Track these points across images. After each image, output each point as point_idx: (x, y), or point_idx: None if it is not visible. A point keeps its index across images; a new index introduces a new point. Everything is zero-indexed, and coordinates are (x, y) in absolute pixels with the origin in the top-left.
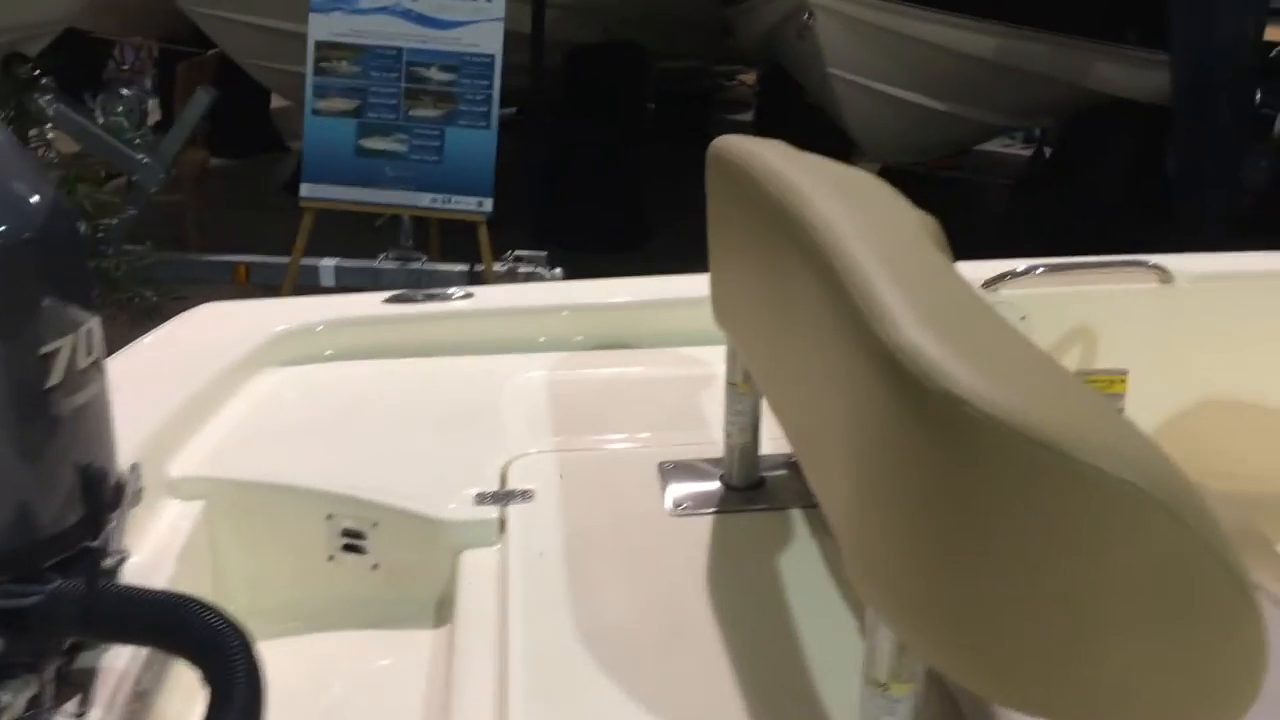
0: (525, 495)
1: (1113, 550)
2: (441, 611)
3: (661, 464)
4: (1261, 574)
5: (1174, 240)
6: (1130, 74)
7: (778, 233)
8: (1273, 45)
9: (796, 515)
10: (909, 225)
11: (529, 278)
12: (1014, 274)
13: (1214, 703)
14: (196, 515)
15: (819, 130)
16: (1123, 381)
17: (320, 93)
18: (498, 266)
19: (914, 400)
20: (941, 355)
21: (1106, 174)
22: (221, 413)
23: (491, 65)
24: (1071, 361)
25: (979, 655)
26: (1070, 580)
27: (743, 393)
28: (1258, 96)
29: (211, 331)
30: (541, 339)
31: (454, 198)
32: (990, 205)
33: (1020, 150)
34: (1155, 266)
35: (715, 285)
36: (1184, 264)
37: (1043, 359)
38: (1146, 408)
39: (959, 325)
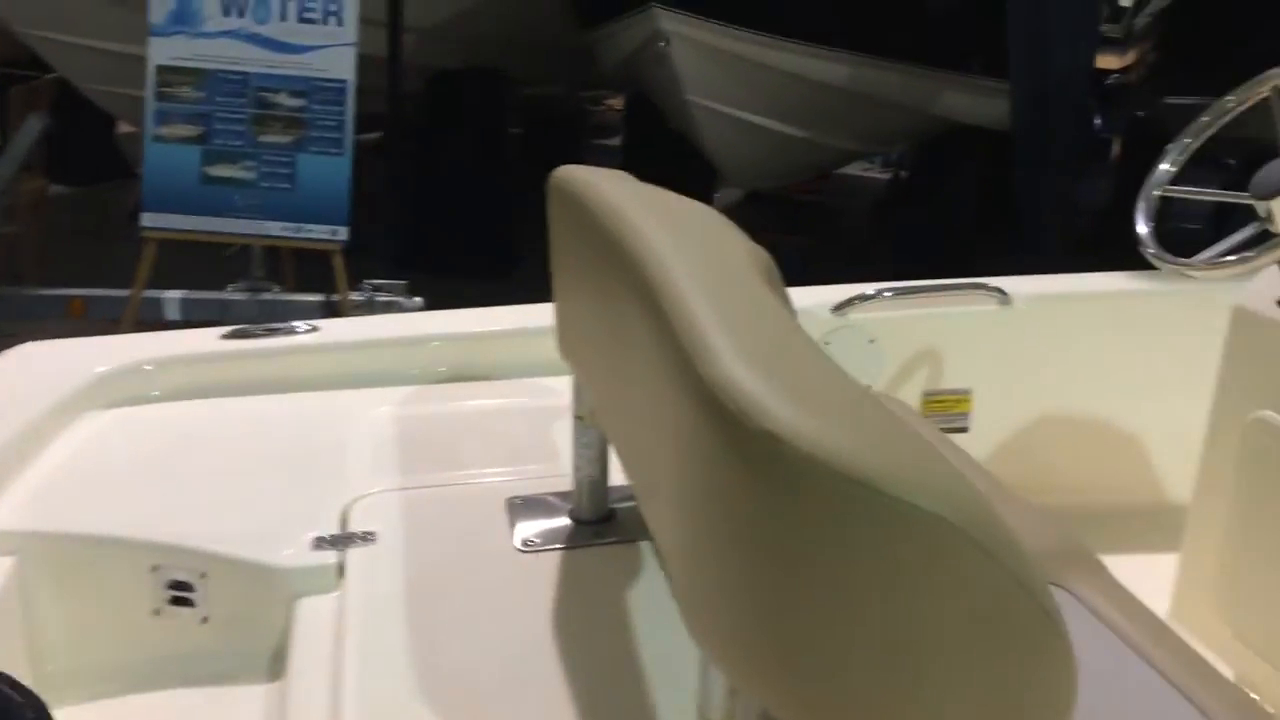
0: (367, 537)
1: (928, 585)
2: (276, 665)
3: (510, 499)
4: (1082, 585)
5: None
6: (976, 102)
7: (611, 266)
8: (1109, 73)
9: (646, 548)
10: (738, 259)
11: (388, 308)
12: (863, 298)
13: None
14: (7, 571)
15: (686, 154)
16: (967, 400)
17: (162, 119)
18: (355, 296)
19: (734, 438)
20: (760, 392)
21: (958, 197)
22: (38, 460)
23: (344, 91)
24: (918, 382)
25: (804, 695)
26: (888, 616)
27: (589, 425)
28: (1096, 121)
29: (31, 373)
30: (391, 373)
31: (306, 226)
32: (851, 228)
33: (879, 174)
34: (995, 289)
35: (559, 318)
36: (1021, 286)
37: (862, 394)
38: (989, 425)
39: (780, 361)
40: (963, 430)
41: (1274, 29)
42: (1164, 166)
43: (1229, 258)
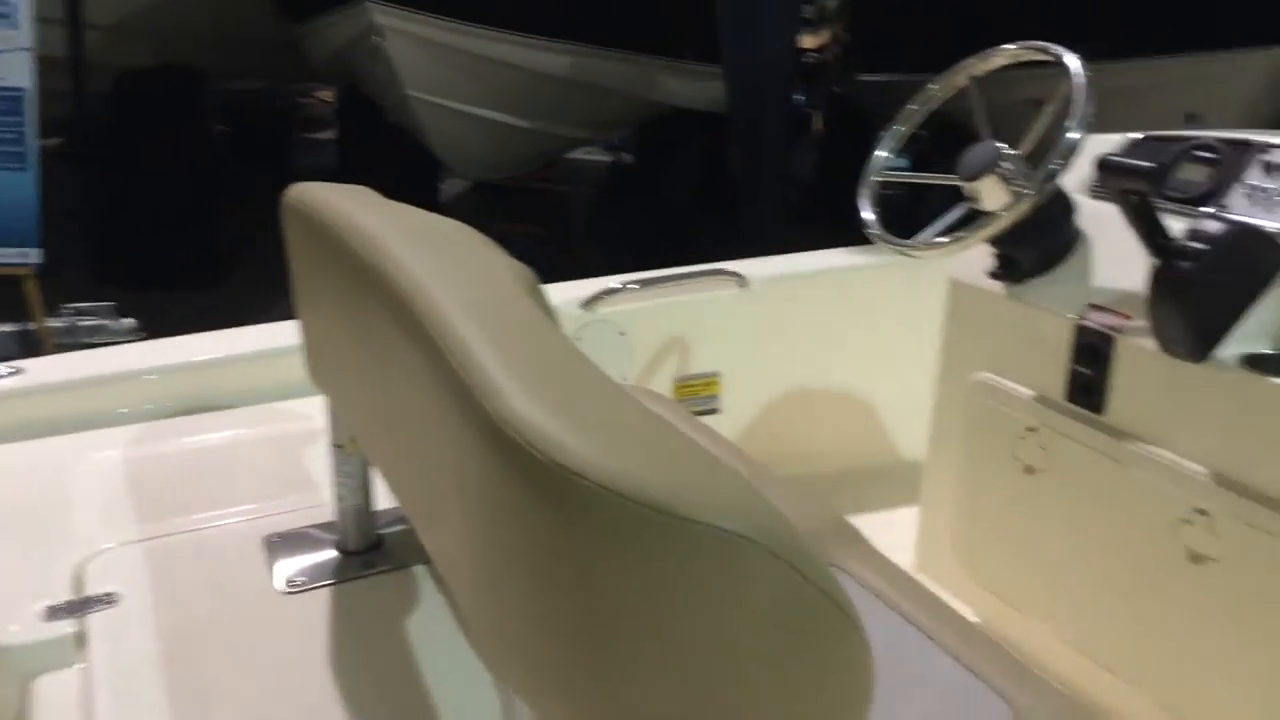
0: (107, 600)
1: (731, 602)
2: None
3: (267, 537)
4: (851, 562)
5: (746, 236)
6: (691, 86)
7: (366, 292)
8: (805, 52)
9: (420, 572)
10: (503, 279)
11: (94, 333)
12: (610, 291)
13: None
14: None
15: (407, 147)
16: (716, 383)
17: None
18: (55, 323)
19: (525, 474)
20: (550, 425)
21: (680, 178)
22: None
23: (22, 100)
24: (669, 370)
25: None
26: (695, 636)
27: (350, 453)
28: (799, 99)
29: None
30: (113, 411)
31: None
32: (581, 213)
33: (602, 157)
34: (733, 273)
35: (307, 342)
36: (757, 268)
37: (650, 417)
38: (738, 405)
39: (564, 389)
40: (714, 412)
41: (954, 8)
42: (880, 153)
43: (944, 238)
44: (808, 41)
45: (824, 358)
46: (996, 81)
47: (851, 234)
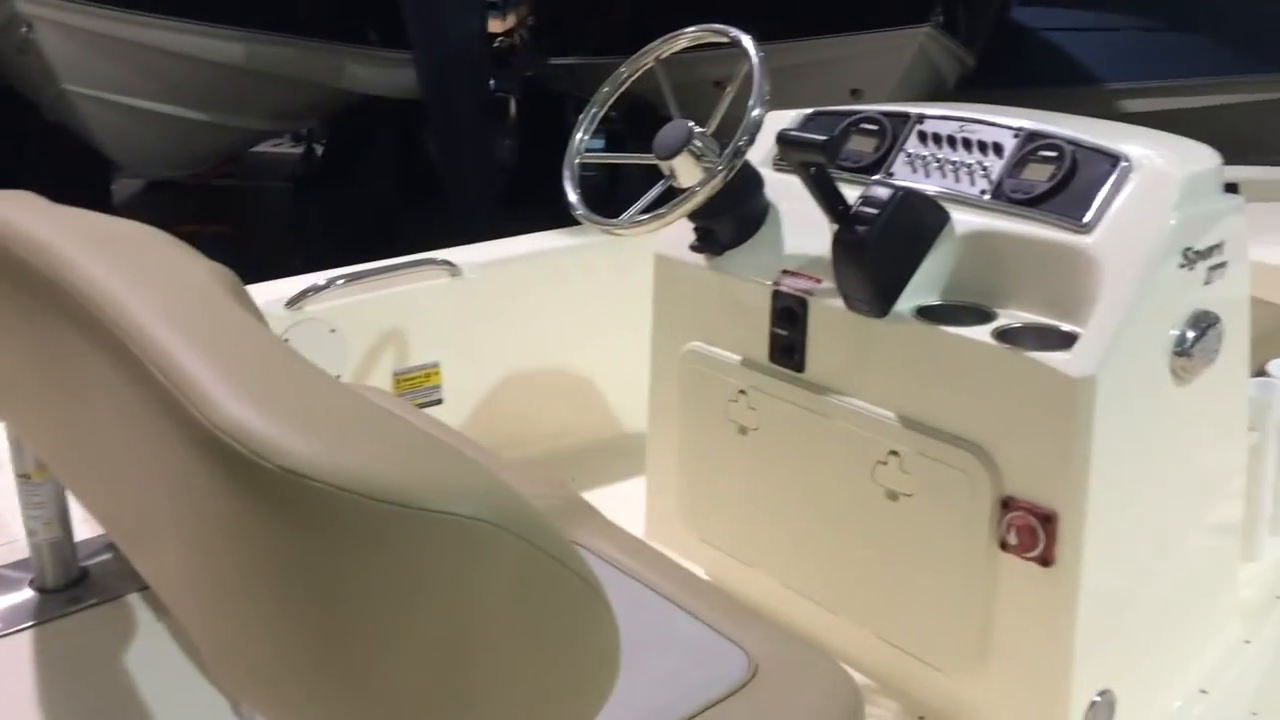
0: None
1: (477, 587)
2: None
3: None
4: (589, 537)
5: (455, 222)
6: (379, 73)
7: (41, 306)
8: (494, 36)
9: (135, 602)
10: (201, 281)
11: None
12: (316, 288)
13: (584, 693)
14: None
15: (71, 146)
16: (436, 373)
17: None
18: None
19: (251, 484)
20: (271, 429)
21: (378, 168)
22: None
23: None
24: (387, 363)
25: None
26: (446, 627)
27: (39, 482)
28: (492, 83)
29: None
30: None
31: None
32: (274, 209)
33: (292, 149)
34: (444, 262)
35: None
36: (468, 255)
37: (375, 410)
38: (461, 393)
39: (282, 390)
40: (437, 403)
41: None
42: (579, 136)
43: (646, 215)
44: (495, 26)
45: (542, 339)
46: (682, 62)
47: (560, 215)
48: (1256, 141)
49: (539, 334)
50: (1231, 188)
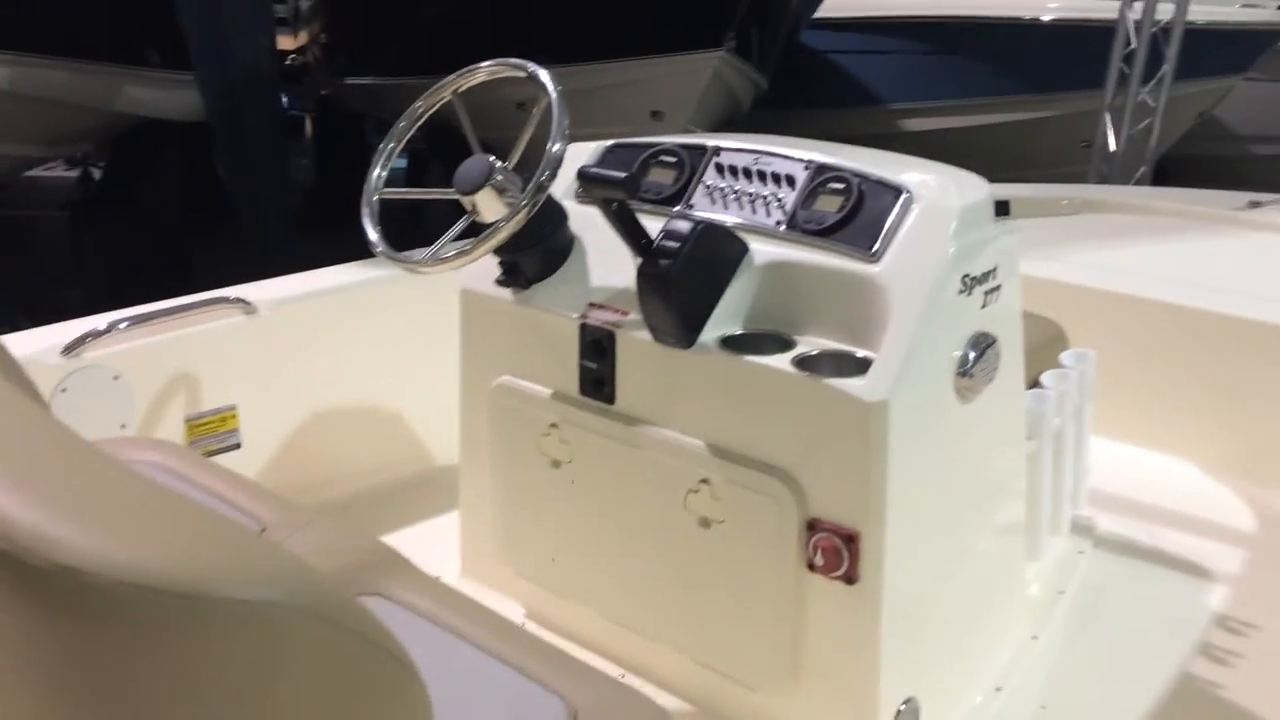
0: None
1: (279, 677)
2: None
3: None
4: (398, 589)
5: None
6: (160, 95)
7: None
8: (287, 53)
9: None
10: None
11: None
12: (96, 333)
13: None
14: None
15: None
16: (233, 417)
17: None
18: None
19: (20, 582)
20: (41, 520)
21: (164, 192)
22: None
23: None
24: (178, 409)
25: None
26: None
27: None
28: (285, 100)
29: None
30: None
31: None
32: (49, 239)
33: (66, 173)
34: (238, 300)
35: None
36: (263, 292)
37: (150, 487)
38: (261, 437)
39: (47, 473)
40: (235, 448)
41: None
42: (376, 172)
43: (451, 251)
44: (287, 43)
45: (347, 376)
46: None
47: (362, 239)
48: (1019, 157)
49: (343, 370)
50: (1002, 205)
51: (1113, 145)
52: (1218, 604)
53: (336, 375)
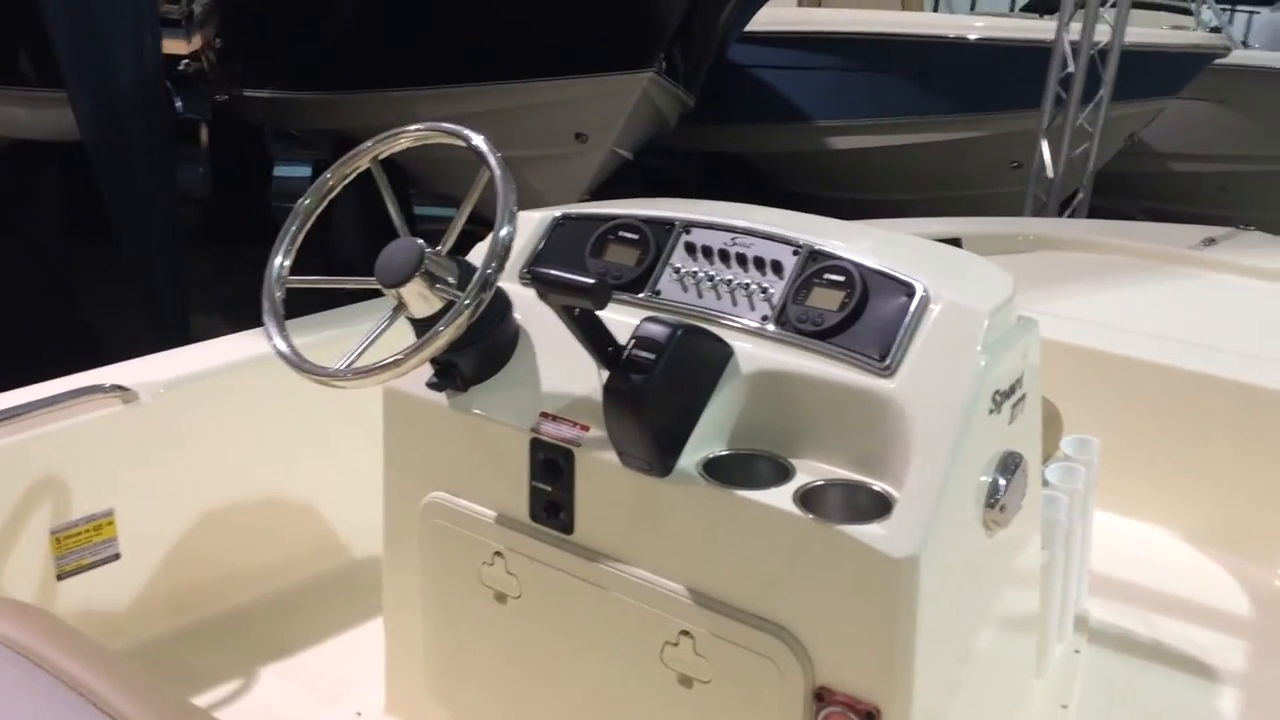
0: None
1: None
2: None
3: None
4: None
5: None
6: (34, 115)
7: None
8: (179, 58)
9: None
10: None
11: None
12: None
13: None
14: None
15: None
16: (110, 524)
17: None
18: None
19: None
20: None
21: (40, 214)
22: None
23: None
24: (45, 517)
25: None
26: None
27: None
28: (179, 105)
29: None
30: None
31: None
32: None
33: None
34: (115, 387)
35: None
36: (144, 374)
37: None
38: (144, 543)
39: None
40: (114, 559)
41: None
42: (279, 261)
43: (383, 362)
44: (180, 47)
45: (249, 468)
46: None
47: (263, 250)
48: (948, 177)
49: (245, 461)
50: (955, 242)
51: (1050, 170)
52: (1226, 711)
53: (237, 466)
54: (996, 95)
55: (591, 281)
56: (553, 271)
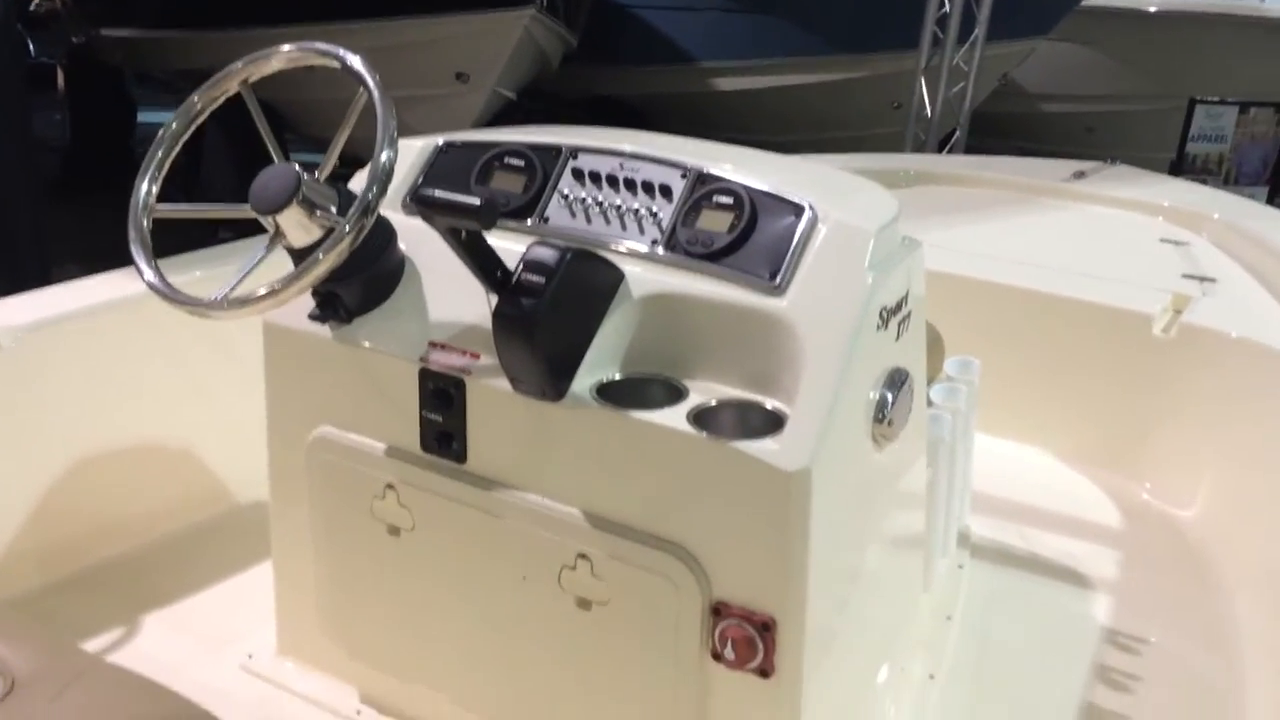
0: None
1: None
2: None
3: None
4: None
5: None
6: None
7: None
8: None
9: None
10: None
11: None
12: None
13: None
14: None
15: None
16: None
17: None
18: None
19: None
20: None
21: None
22: None
23: None
24: None
25: None
26: None
27: None
28: (32, 49)
29: None
30: None
31: None
32: None
33: None
34: None
35: None
36: (6, 317)
37: None
38: (15, 492)
39: None
40: None
41: None
42: (145, 188)
43: (259, 292)
44: None
45: (123, 415)
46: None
47: (124, 198)
48: (829, 118)
49: (113, 407)
50: None
51: (928, 109)
52: (1102, 616)
53: (106, 413)
54: (878, 36)
55: (477, 202)
56: (437, 193)
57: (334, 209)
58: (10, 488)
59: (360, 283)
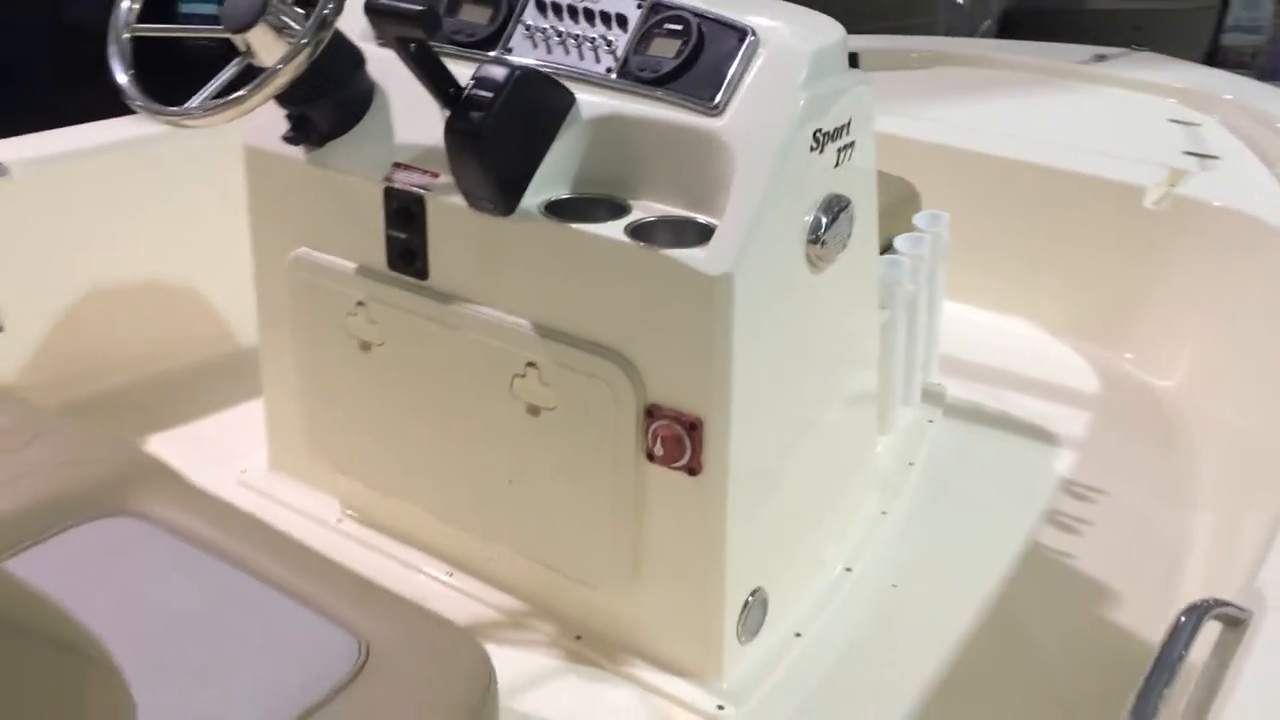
0: None
1: None
2: None
3: None
4: (158, 505)
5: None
6: None
7: None
8: None
9: None
10: None
11: None
12: None
13: None
14: None
15: None
16: None
17: None
18: None
19: None
20: None
21: None
22: None
23: None
24: None
25: None
26: None
27: None
28: None
29: None
30: None
31: None
32: None
33: None
34: None
35: None
36: (16, 150)
37: None
38: (23, 319)
39: None
40: None
41: None
42: (125, 5)
43: (222, 100)
44: None
45: (124, 247)
46: None
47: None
48: (862, 7)
49: (119, 240)
50: (852, 58)
51: None
52: (1064, 470)
53: (111, 245)
54: None
55: (419, 8)
56: (382, 1)
57: (300, 28)
58: (17, 313)
59: (330, 105)
